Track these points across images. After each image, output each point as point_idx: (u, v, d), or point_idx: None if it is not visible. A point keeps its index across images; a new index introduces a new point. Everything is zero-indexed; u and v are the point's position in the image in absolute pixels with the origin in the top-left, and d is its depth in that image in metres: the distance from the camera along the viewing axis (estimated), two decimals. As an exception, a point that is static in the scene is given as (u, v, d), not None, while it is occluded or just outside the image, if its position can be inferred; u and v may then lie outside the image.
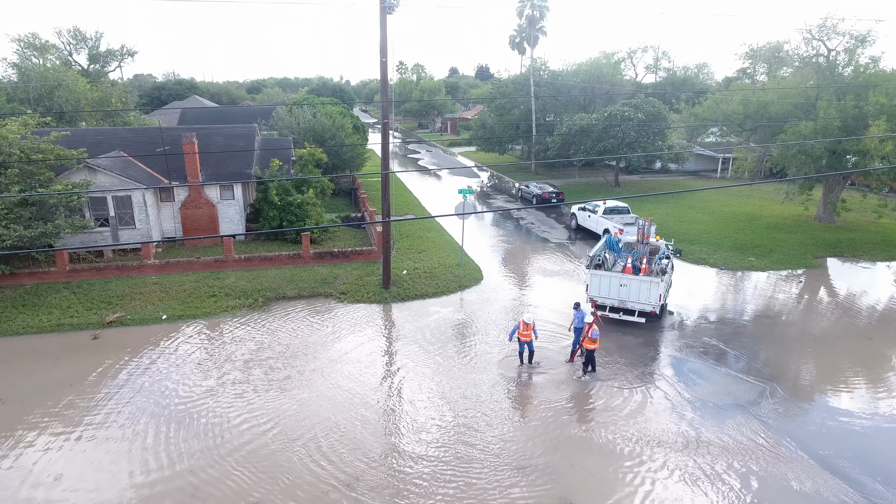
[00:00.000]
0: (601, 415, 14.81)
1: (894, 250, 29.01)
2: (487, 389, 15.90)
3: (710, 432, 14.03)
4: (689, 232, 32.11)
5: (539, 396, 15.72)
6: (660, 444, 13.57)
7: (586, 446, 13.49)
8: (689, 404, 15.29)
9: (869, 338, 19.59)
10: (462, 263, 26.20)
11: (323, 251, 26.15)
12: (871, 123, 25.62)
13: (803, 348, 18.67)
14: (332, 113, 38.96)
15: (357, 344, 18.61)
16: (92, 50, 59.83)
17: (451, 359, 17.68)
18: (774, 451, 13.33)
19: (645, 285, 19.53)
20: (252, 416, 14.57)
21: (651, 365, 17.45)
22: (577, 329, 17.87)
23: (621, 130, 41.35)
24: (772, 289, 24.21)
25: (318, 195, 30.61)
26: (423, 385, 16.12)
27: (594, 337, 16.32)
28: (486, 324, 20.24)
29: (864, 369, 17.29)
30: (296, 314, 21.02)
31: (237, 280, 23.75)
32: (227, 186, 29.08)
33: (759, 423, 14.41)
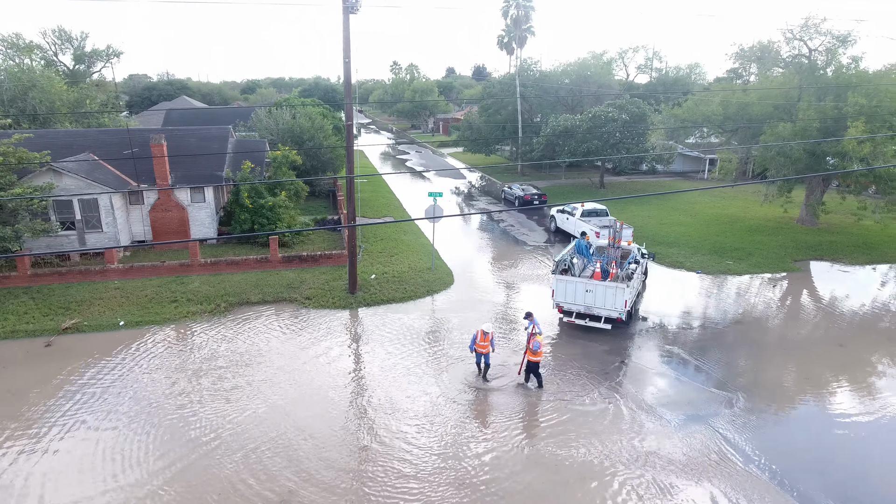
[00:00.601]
0: (552, 429, 14.34)
1: (875, 253, 28.57)
2: (438, 402, 15.41)
3: (664, 446, 13.58)
4: (670, 234, 31.67)
5: (490, 410, 15.27)
6: (611, 459, 13.12)
7: (534, 463, 13.04)
8: (646, 416, 14.84)
9: (841, 345, 19.14)
10: (433, 267, 25.75)
11: (291, 255, 25.71)
12: (850, 125, 25.16)
13: (772, 356, 18.22)
14: (312, 114, 38.50)
15: (312, 353, 18.15)
16: (77, 50, 59.50)
17: (406, 369, 17.23)
18: (727, 467, 12.88)
19: (611, 291, 19.08)
20: (193, 429, 14.12)
21: (612, 374, 16.99)
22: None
23: (605, 131, 40.90)
24: (747, 293, 23.76)
25: (291, 198, 30.15)
26: (373, 397, 15.65)
27: (535, 349, 15.71)
28: (449, 331, 19.79)
29: (832, 379, 16.85)
30: (256, 321, 20.57)
31: (201, 285, 23.32)
32: (198, 189, 28.65)
33: (717, 436, 13.96)
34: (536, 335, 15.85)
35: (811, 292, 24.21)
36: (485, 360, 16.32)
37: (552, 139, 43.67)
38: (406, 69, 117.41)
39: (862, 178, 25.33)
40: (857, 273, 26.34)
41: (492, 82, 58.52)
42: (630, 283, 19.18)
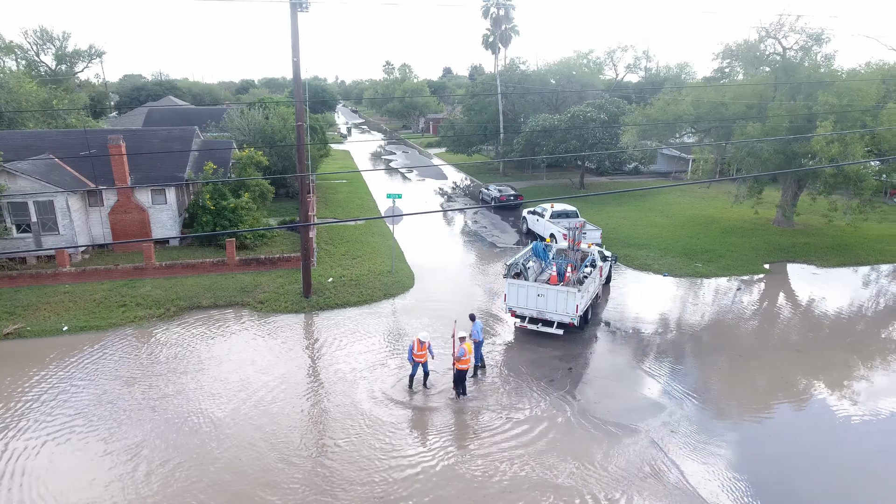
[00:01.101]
0: (484, 441, 13.85)
1: (848, 255, 28.04)
2: (366, 414, 14.85)
3: (598, 459, 13.09)
4: (642, 236, 31.16)
5: (421, 422, 14.79)
6: (541, 472, 12.63)
7: (458, 477, 12.55)
8: (583, 427, 14.34)
9: (798, 351, 18.63)
10: (393, 270, 25.27)
11: (249, 258, 25.24)
12: (819, 125, 24.63)
13: (725, 363, 17.72)
14: (286, 114, 38.03)
15: (249, 360, 17.61)
16: (59, 51, 59.09)
17: (341, 378, 16.72)
18: (660, 481, 12.39)
19: (562, 296, 18.59)
20: (112, 445, 13.65)
21: (558, 382, 16.50)
22: (479, 344, 16.95)
23: (584, 131, 40.41)
24: (711, 297, 23.26)
25: (256, 199, 29.68)
26: (295, 407, 15.03)
27: (459, 356, 15.12)
28: (398, 337, 19.30)
29: (783, 387, 16.34)
30: (203, 326, 20.09)
31: (153, 289, 22.85)
32: (159, 191, 28.19)
33: (654, 448, 13.47)
34: (464, 341, 15.24)
35: (776, 296, 23.69)
36: (423, 368, 15.81)
37: (531, 139, 43.18)
38: (399, 69, 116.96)
39: (831, 178, 24.78)
40: (827, 276, 25.80)
41: (475, 82, 57.98)
42: (582, 287, 18.67)
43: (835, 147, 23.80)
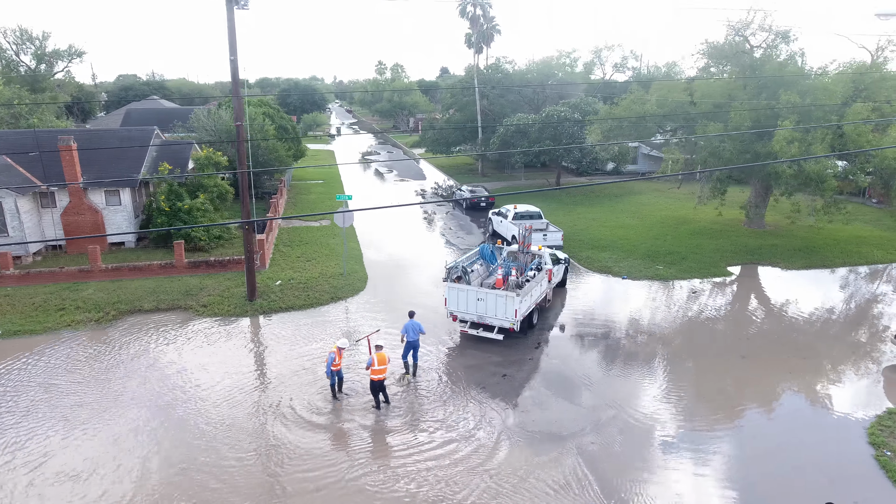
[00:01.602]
0: (396, 455, 13.37)
1: (815, 257, 27.49)
2: (275, 424, 14.29)
3: (517, 472, 12.61)
4: (608, 237, 30.65)
5: (337, 434, 14.32)
6: (454, 488, 12.16)
7: (359, 492, 12.08)
8: (508, 438, 13.85)
9: (743, 356, 18.12)
10: (345, 273, 24.80)
11: (198, 260, 24.81)
12: (780, 124, 24.09)
13: (665, 370, 17.22)
14: (253, 114, 37.57)
15: (171, 367, 17.10)
16: (38, 50, 58.73)
17: (259, 386, 16.27)
18: (579, 496, 11.90)
19: (501, 300, 18.10)
20: (16, 458, 13.22)
21: (488, 388, 16.02)
22: (408, 343, 16.57)
23: (557, 130, 39.91)
24: (666, 301, 22.76)
25: (214, 200, 29.24)
26: (200, 417, 14.52)
27: (368, 364, 14.65)
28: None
29: (718, 397, 15.84)
30: (139, 331, 19.65)
31: (95, 292, 22.42)
32: (113, 192, 27.79)
33: (576, 461, 12.98)
34: (379, 350, 14.72)
35: (732, 300, 23.18)
36: (338, 375, 15.35)
37: (507, 138, 42.70)
38: (391, 69, 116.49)
39: (792, 179, 24.21)
40: (790, 278, 25.27)
41: (454, 82, 57.47)
42: (521, 291, 18.17)
43: (795, 147, 23.25)
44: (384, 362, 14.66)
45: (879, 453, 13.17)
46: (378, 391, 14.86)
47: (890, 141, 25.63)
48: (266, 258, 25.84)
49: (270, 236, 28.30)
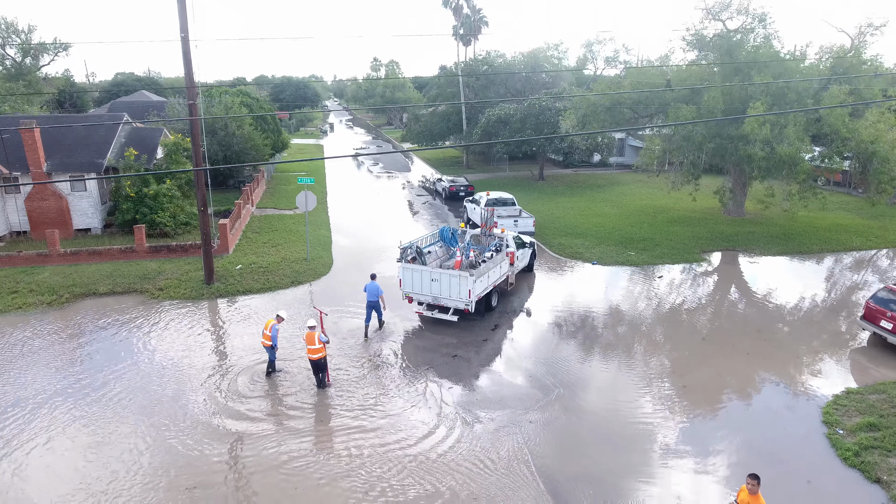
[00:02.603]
0: (327, 435, 12.93)
1: (791, 244, 26.95)
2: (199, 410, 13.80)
3: (453, 449, 12.15)
4: (584, 225, 30.16)
5: (263, 415, 13.87)
6: (375, 466, 11.70)
7: (273, 470, 11.62)
8: (448, 417, 13.39)
9: (704, 338, 17.63)
10: (308, 258, 24.35)
11: (160, 245, 24.39)
12: (751, 106, 23.56)
13: (622, 352, 16.76)
14: (230, 104, 37.18)
15: (106, 355, 16.55)
16: (24, 44, 58.47)
17: (204, 367, 15.85)
18: (509, 474, 11.43)
19: (455, 280, 17.61)
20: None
21: (434, 369, 15.55)
22: (369, 304, 16.99)
23: (539, 120, 39.41)
24: (632, 286, 22.25)
25: (183, 186, 28.82)
26: (122, 402, 14.05)
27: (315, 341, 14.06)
28: (288, 324, 18.38)
29: (672, 376, 15.35)
30: (86, 313, 19.20)
31: (51, 276, 22.02)
32: (79, 177, 27.36)
33: (515, 438, 12.51)
34: (313, 329, 14.22)
35: (702, 284, 22.66)
36: (269, 354, 14.91)
37: (489, 129, 42.22)
38: (386, 65, 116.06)
39: (763, 162, 23.66)
40: (763, 264, 24.73)
41: (442, 73, 56.97)
42: (476, 272, 17.68)
43: (766, 129, 22.72)
44: (312, 342, 14.13)
45: (832, 432, 12.68)
46: (317, 370, 14.41)
47: (867, 125, 25.14)
48: (231, 243, 25.41)
49: (238, 223, 27.87)
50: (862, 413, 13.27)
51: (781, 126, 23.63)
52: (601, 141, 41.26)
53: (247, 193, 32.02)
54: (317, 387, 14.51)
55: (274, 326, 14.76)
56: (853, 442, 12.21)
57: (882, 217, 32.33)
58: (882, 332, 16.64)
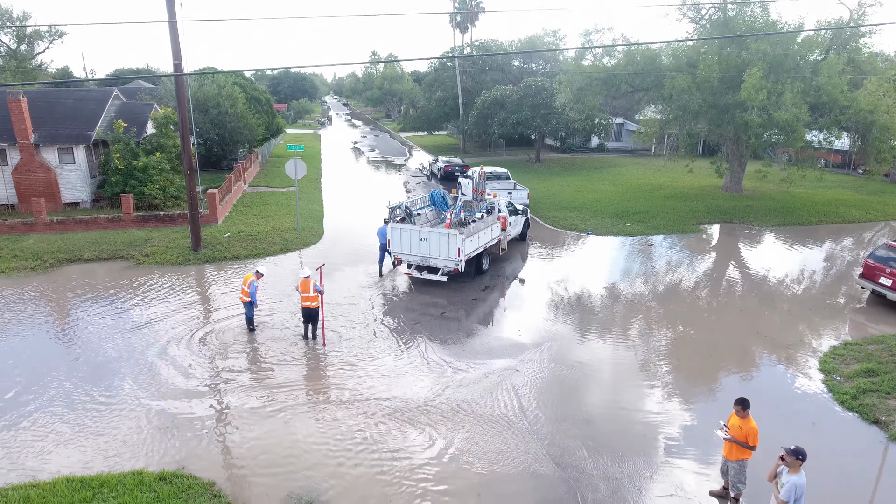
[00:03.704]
0: (319, 385, 12.58)
1: (789, 216, 26.59)
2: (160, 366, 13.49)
3: (437, 397, 11.79)
4: (579, 200, 29.80)
5: (244, 366, 13.52)
6: (368, 414, 11.34)
7: (255, 414, 11.26)
8: (432, 366, 13.03)
9: (700, 298, 17.25)
10: (298, 228, 23.98)
11: (147, 214, 24.05)
12: (748, 72, 23.14)
13: (612, 311, 16.41)
14: (222, 82, 36.82)
15: (92, 311, 16.36)
16: (19, 31, 58.14)
17: (176, 325, 15.49)
18: (498, 419, 11.06)
19: (444, 238, 17.25)
20: None
21: (422, 325, 15.19)
22: (381, 246, 18.04)
23: (535, 101, 39.03)
24: (625, 254, 21.90)
25: (173, 160, 28.41)
26: (98, 374, 13.81)
27: (309, 289, 13.76)
28: (269, 289, 18.03)
29: (666, 331, 15.00)
30: (74, 278, 18.84)
31: (36, 242, 21.64)
32: (67, 149, 27.00)
33: (502, 385, 12.15)
34: (308, 279, 13.92)
35: (697, 251, 22.28)
36: (246, 310, 14.52)
37: (484, 111, 41.85)
38: (386, 57, 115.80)
39: (760, 128, 23.23)
40: (761, 234, 24.37)
41: (436, 60, 56.61)
42: (465, 230, 17.31)
43: (763, 94, 22.33)
44: (307, 290, 13.83)
45: (829, 378, 12.31)
46: (308, 320, 14.06)
47: (866, 94, 24.75)
48: (220, 214, 25.04)
49: (229, 197, 27.51)
50: (860, 361, 12.90)
51: (778, 93, 23.23)
52: (598, 123, 40.87)
53: (238, 170, 31.65)
54: (303, 337, 14.16)
55: (253, 283, 14.32)
56: (851, 387, 11.83)
57: (882, 193, 31.99)
58: (881, 289, 16.28)
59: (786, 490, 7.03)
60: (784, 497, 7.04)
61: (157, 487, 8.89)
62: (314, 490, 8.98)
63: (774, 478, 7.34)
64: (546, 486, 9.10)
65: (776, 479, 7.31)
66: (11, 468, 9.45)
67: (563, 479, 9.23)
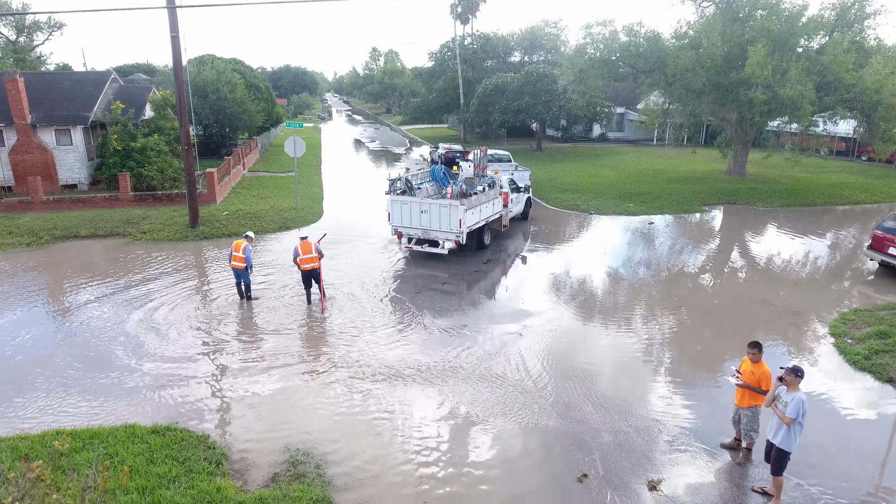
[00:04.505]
0: (322, 348, 12.31)
1: (794, 198, 26.30)
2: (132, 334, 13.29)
3: (447, 357, 11.53)
4: (581, 183, 29.49)
5: (243, 335, 13.25)
6: (366, 374, 11.07)
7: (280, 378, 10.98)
8: (434, 331, 12.77)
9: (705, 273, 16.96)
10: (298, 207, 23.72)
11: (145, 194, 23.81)
12: (753, 48, 22.84)
13: (618, 279, 16.16)
14: (221, 67, 36.56)
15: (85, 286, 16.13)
16: (18, 22, 57.96)
17: (163, 302, 15.25)
18: (498, 378, 10.79)
19: (445, 210, 16.96)
20: None
21: (422, 294, 14.93)
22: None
23: (536, 87, 38.74)
24: (628, 232, 21.60)
25: (171, 143, 28.14)
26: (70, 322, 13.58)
27: (294, 256, 13.64)
28: (264, 263, 17.76)
29: (667, 297, 14.72)
30: (68, 252, 18.58)
31: (32, 220, 21.38)
32: (64, 131, 26.73)
33: (510, 346, 11.88)
34: (304, 240, 13.71)
35: (702, 228, 22.02)
36: (242, 278, 14.06)
37: (485, 99, 41.56)
38: (385, 55, 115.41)
39: (764, 105, 22.89)
40: (767, 213, 24.06)
41: (437, 52, 56.25)
42: (467, 201, 17.03)
43: (768, 70, 22.03)
44: (308, 251, 13.60)
45: (839, 341, 12.03)
46: (308, 283, 13.84)
47: (871, 72, 24.46)
48: (218, 195, 24.77)
49: (227, 179, 27.24)
50: (871, 325, 12.61)
51: (783, 70, 22.93)
52: (599, 110, 40.59)
53: (238, 154, 31.39)
54: (307, 303, 13.92)
55: (247, 247, 13.95)
56: (863, 348, 11.55)
57: (887, 177, 31.69)
58: (890, 260, 15.99)
59: (792, 407, 7.02)
60: (792, 414, 7.02)
61: (150, 439, 8.61)
62: (312, 443, 8.71)
63: (773, 401, 7.23)
64: (552, 439, 8.83)
65: (774, 403, 7.26)
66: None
67: (568, 433, 8.96)
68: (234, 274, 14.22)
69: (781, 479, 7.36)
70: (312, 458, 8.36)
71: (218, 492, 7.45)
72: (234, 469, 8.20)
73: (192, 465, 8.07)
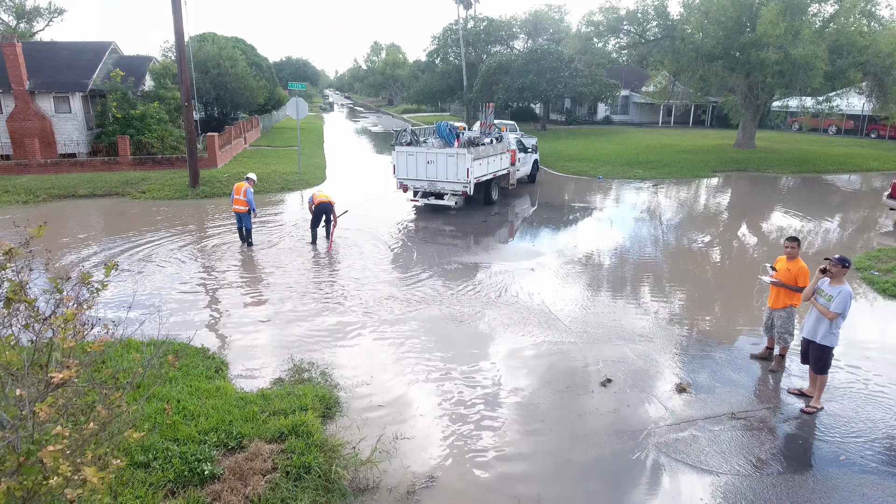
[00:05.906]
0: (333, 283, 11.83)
1: (805, 165, 25.82)
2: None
3: (458, 291, 11.05)
4: (588, 155, 28.98)
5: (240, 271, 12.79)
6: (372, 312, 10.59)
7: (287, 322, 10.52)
8: (444, 270, 12.30)
9: (719, 216, 16.47)
10: (300, 171, 23.26)
11: (145, 157, 23.39)
12: (765, 7, 22.38)
13: (628, 229, 15.70)
14: (223, 43, 36.14)
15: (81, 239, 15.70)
16: (18, 7, 57.65)
17: (152, 253, 14.80)
18: (524, 303, 10.32)
19: (451, 160, 16.49)
20: None
21: (429, 241, 14.50)
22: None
23: (541, 65, 38.26)
24: (637, 192, 21.13)
25: (171, 112, 27.70)
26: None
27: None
28: (263, 223, 17.30)
29: (683, 245, 14.24)
30: (65, 209, 18.14)
31: (30, 181, 20.94)
32: (63, 98, 26.28)
33: (517, 283, 11.40)
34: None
35: (712, 189, 21.52)
36: (244, 222, 13.49)
37: (489, 78, 41.07)
38: (387, 48, 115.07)
39: (776, 66, 22.35)
40: (779, 178, 23.57)
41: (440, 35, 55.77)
42: (475, 150, 16.55)
43: (780, 29, 21.54)
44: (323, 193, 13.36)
45: (866, 273, 11.54)
46: (317, 222, 13.67)
47: (886, 35, 23.97)
48: (219, 160, 24.34)
49: (229, 147, 26.80)
50: (895, 259, 12.14)
51: (796, 31, 22.44)
52: (604, 89, 40.08)
53: (239, 127, 30.95)
54: (311, 242, 13.56)
55: (248, 189, 13.45)
56: (892, 276, 11.07)
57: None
58: (911, 207, 15.50)
59: (839, 300, 6.45)
60: (838, 309, 6.46)
61: (146, 350, 8.14)
62: (316, 357, 8.24)
63: (812, 294, 6.73)
64: (574, 351, 8.35)
65: (814, 296, 6.77)
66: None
67: (589, 344, 8.48)
68: (236, 218, 13.75)
69: (825, 377, 6.85)
70: (317, 366, 7.89)
71: (217, 391, 7.00)
72: (235, 375, 7.74)
73: (190, 370, 7.61)
